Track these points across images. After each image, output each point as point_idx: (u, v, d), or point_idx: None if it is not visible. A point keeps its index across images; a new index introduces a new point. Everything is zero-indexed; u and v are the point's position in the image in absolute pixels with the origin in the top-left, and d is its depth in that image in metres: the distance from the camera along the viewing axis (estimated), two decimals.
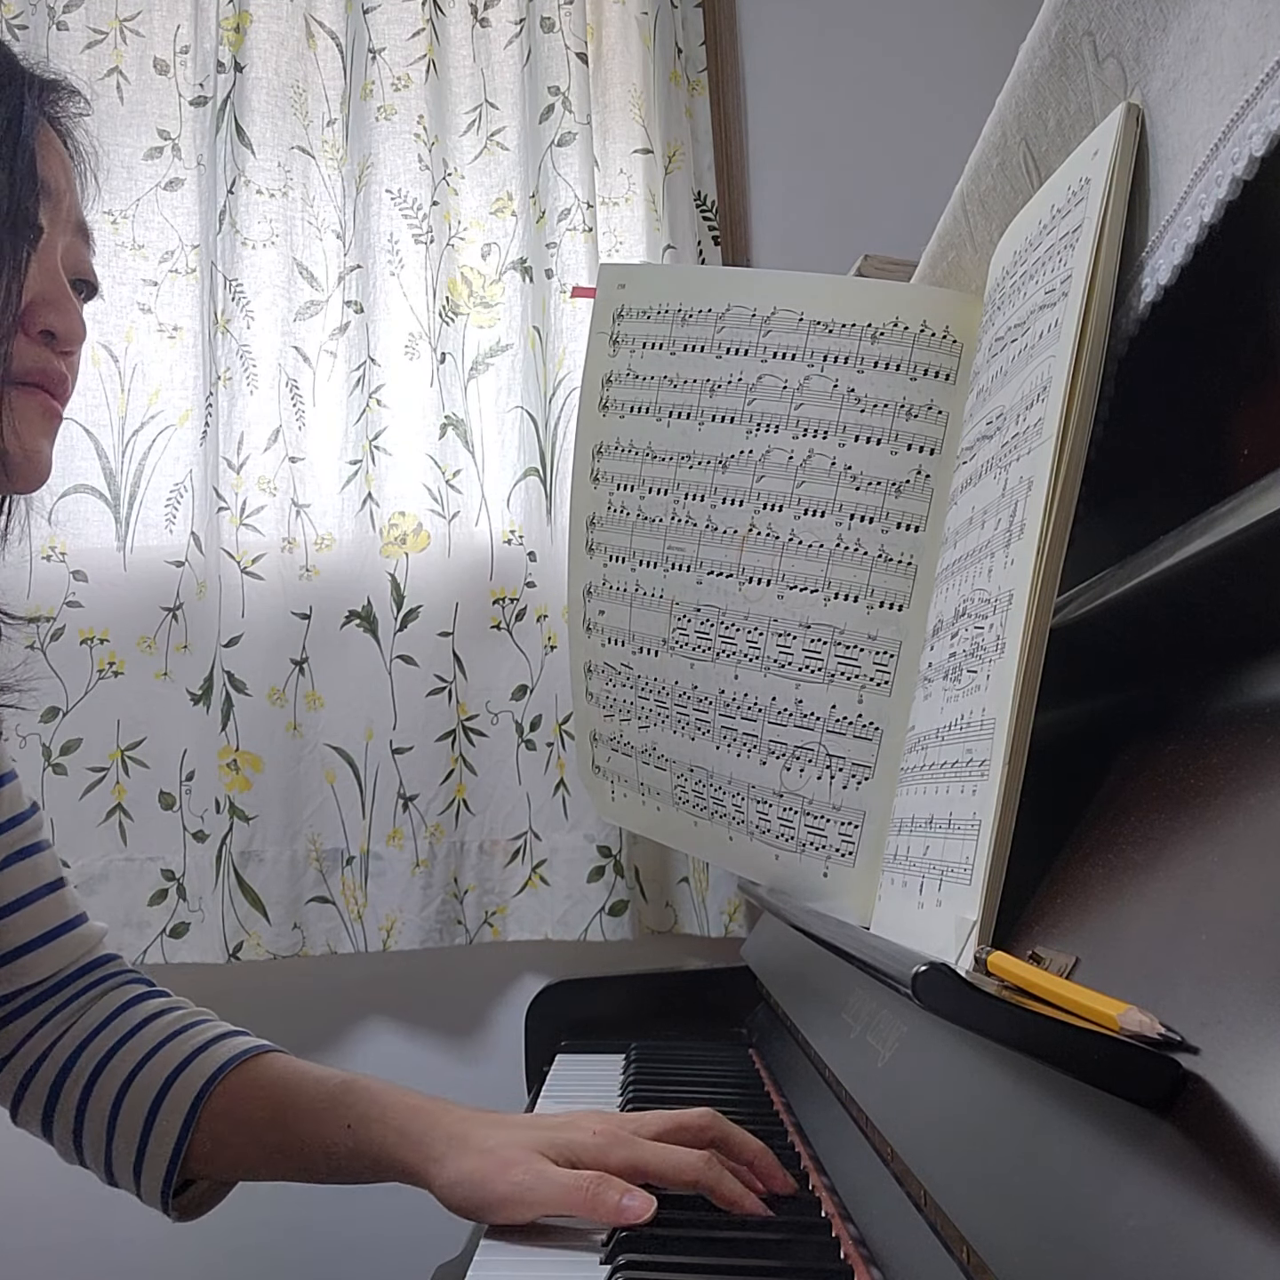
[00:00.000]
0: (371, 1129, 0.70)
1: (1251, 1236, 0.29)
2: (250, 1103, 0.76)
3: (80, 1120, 0.79)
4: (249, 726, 1.50)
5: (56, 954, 0.82)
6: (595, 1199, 0.62)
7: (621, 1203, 0.62)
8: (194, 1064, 0.77)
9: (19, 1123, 0.82)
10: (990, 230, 0.74)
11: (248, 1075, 0.77)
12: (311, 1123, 0.73)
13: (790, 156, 1.72)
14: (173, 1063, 0.78)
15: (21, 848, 0.82)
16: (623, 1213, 0.61)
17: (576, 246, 1.59)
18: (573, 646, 0.90)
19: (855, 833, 0.73)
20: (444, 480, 1.56)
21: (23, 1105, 0.81)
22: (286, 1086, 0.76)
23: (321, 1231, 1.50)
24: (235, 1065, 0.77)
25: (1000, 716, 0.53)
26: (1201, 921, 0.39)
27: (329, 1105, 0.73)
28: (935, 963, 0.39)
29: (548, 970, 1.53)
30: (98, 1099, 0.78)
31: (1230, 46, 0.47)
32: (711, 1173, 0.64)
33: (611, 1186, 0.62)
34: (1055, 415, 0.54)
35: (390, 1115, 0.70)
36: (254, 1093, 0.76)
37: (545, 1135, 0.66)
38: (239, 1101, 0.76)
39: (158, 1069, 0.78)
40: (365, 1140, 0.70)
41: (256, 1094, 0.76)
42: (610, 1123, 0.68)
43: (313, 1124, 0.73)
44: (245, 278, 1.55)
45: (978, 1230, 0.43)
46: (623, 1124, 0.68)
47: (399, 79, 1.61)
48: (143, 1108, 0.77)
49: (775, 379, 0.79)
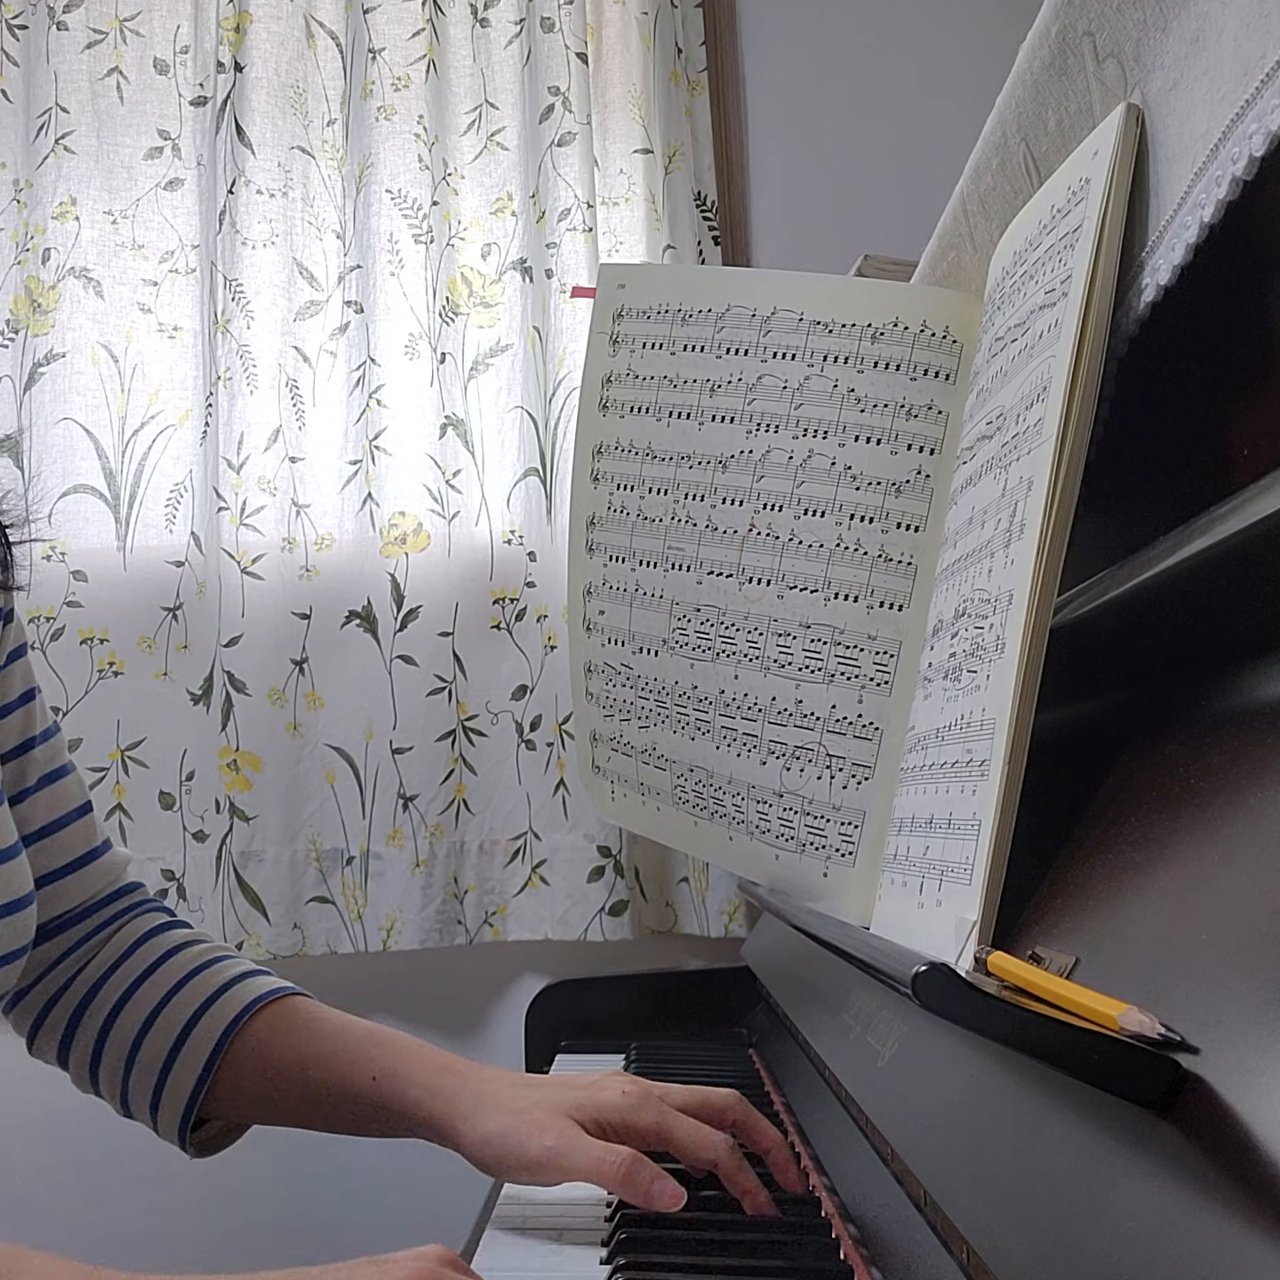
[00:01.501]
0: (397, 1083, 0.70)
1: (1251, 1236, 0.29)
2: (274, 1046, 0.75)
3: (99, 1052, 0.77)
4: (249, 726, 1.50)
5: (83, 882, 0.81)
6: (628, 1177, 0.61)
7: (653, 1186, 0.61)
8: (219, 1003, 0.76)
9: (34, 1052, 0.81)
10: (990, 230, 0.74)
11: (272, 1018, 0.76)
12: (336, 1072, 0.72)
13: (790, 156, 1.72)
14: (197, 1001, 0.76)
15: (52, 770, 0.80)
16: (652, 1197, 0.61)
17: (576, 246, 1.59)
18: (573, 646, 0.90)
19: (855, 833, 0.73)
20: (444, 480, 1.56)
21: (40, 1032, 0.79)
22: (312, 1032, 0.75)
23: (321, 1231, 1.50)
24: (260, 1007, 0.76)
25: (1000, 716, 0.53)
26: (1201, 921, 0.39)
27: (355, 1055, 0.72)
28: (935, 963, 0.39)
29: (548, 970, 1.53)
30: (119, 1032, 0.77)
31: (1230, 46, 0.47)
32: (734, 1158, 0.64)
33: (645, 1167, 0.61)
34: (1055, 415, 0.54)
35: (417, 1070, 0.70)
36: (278, 1037, 0.75)
37: (575, 1096, 0.66)
38: (263, 1045, 0.75)
39: (182, 1006, 0.76)
40: (390, 1094, 0.70)
41: (281, 1038, 0.75)
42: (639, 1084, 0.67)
43: (337, 1073, 0.72)
44: (245, 278, 1.55)
45: (978, 1230, 0.43)
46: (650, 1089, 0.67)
47: (399, 79, 1.61)
48: (165, 1045, 0.76)
49: (775, 379, 0.79)
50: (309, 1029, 0.75)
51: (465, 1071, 0.70)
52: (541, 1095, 0.67)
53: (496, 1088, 0.68)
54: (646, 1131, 0.64)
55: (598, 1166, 0.62)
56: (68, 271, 1.57)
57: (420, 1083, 0.69)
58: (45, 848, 0.78)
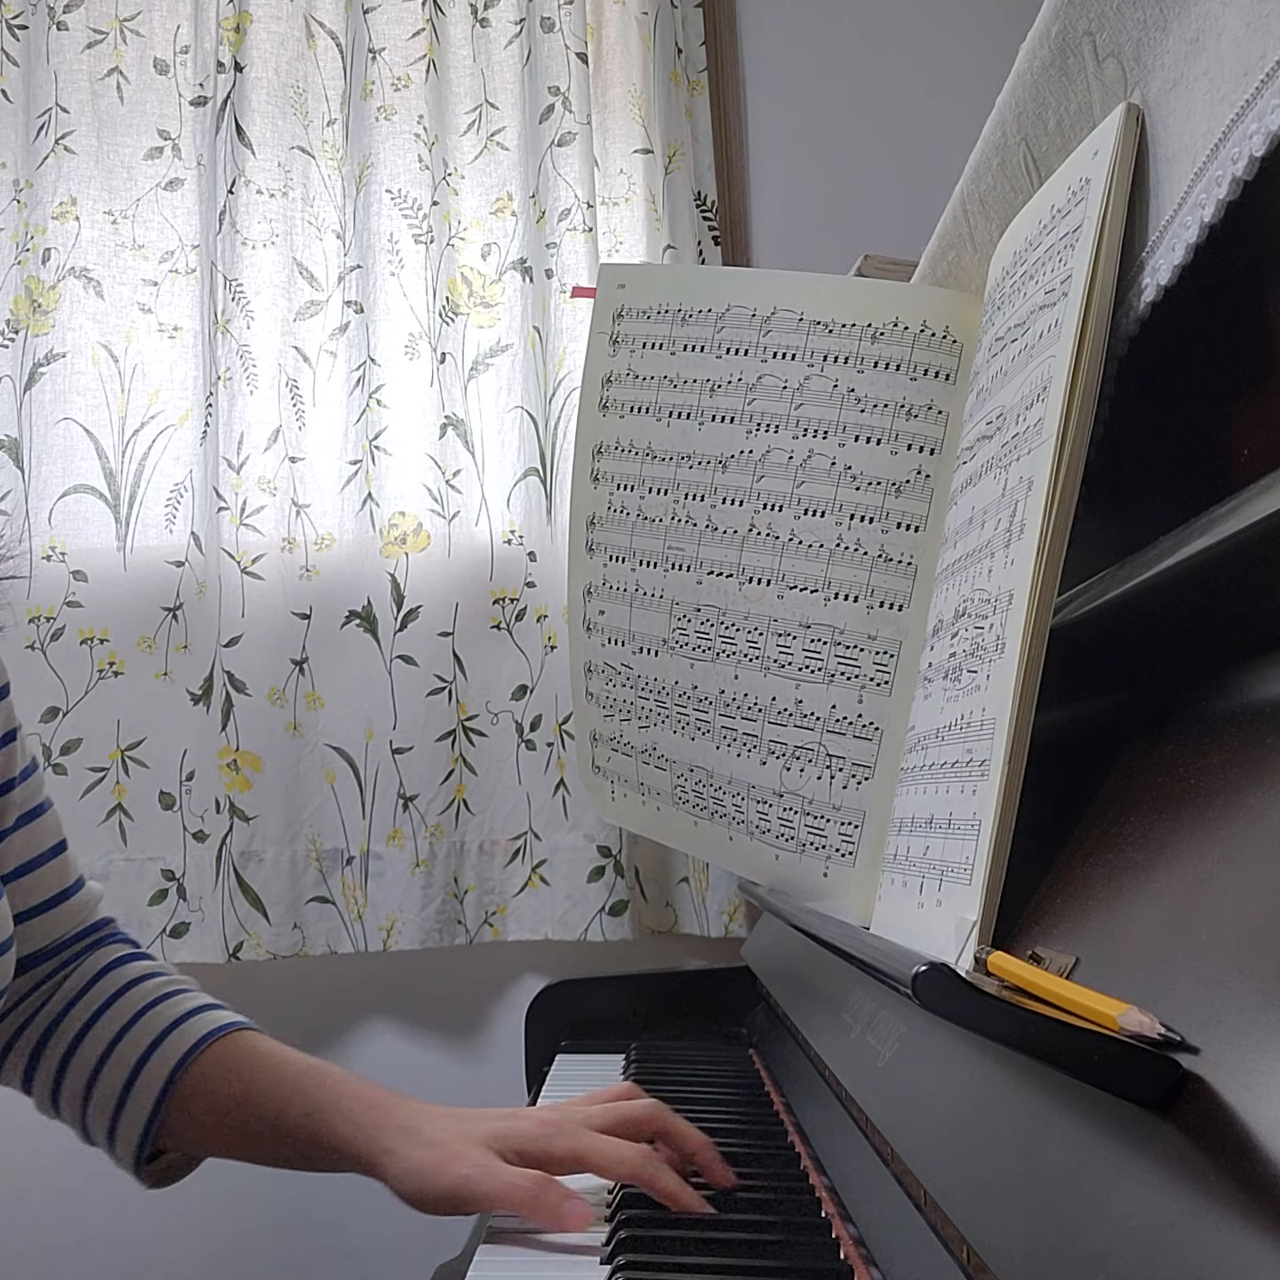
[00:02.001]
0: (328, 1119, 0.72)
1: (1251, 1236, 0.29)
2: (218, 1082, 0.77)
3: (59, 1082, 0.79)
4: (249, 726, 1.50)
5: (57, 920, 0.83)
6: (536, 1200, 0.64)
7: (563, 1207, 0.63)
8: (170, 1038, 0.78)
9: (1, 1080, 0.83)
10: (990, 230, 0.74)
11: (219, 1054, 0.78)
12: (272, 1108, 0.74)
13: (790, 156, 1.72)
14: (150, 1036, 0.78)
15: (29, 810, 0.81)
16: (560, 1218, 0.63)
17: (576, 246, 1.59)
18: (573, 646, 0.90)
19: (855, 833, 0.73)
20: (444, 480, 1.56)
21: (7, 1061, 0.81)
22: (253, 1069, 0.76)
23: (321, 1231, 1.50)
24: (209, 1043, 0.78)
25: (1000, 716, 0.53)
26: (1201, 921, 0.39)
27: (289, 1092, 0.74)
28: (935, 963, 0.39)
29: (548, 970, 1.53)
30: (78, 1064, 0.79)
31: (1230, 46, 0.47)
32: (648, 1168, 0.66)
33: (553, 1189, 0.64)
34: (1055, 415, 0.54)
35: (346, 1107, 0.72)
36: (223, 1073, 0.77)
37: (494, 1127, 0.68)
38: (208, 1080, 0.77)
39: (136, 1041, 0.78)
40: (322, 1130, 0.72)
41: (225, 1074, 0.77)
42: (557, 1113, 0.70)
43: (273, 1109, 0.74)
44: (245, 278, 1.55)
45: (978, 1230, 0.43)
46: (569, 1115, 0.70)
47: (399, 79, 1.61)
48: (120, 1079, 0.77)
49: (775, 379, 0.79)
50: (249, 1065, 0.77)
51: (392, 1106, 0.72)
52: (463, 1128, 0.69)
53: (421, 1122, 0.70)
54: (563, 1157, 0.67)
55: (509, 1191, 0.64)
56: (68, 271, 1.57)
57: (349, 1119, 0.71)
58: (21, 887, 0.80)
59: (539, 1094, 0.99)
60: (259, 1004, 1.56)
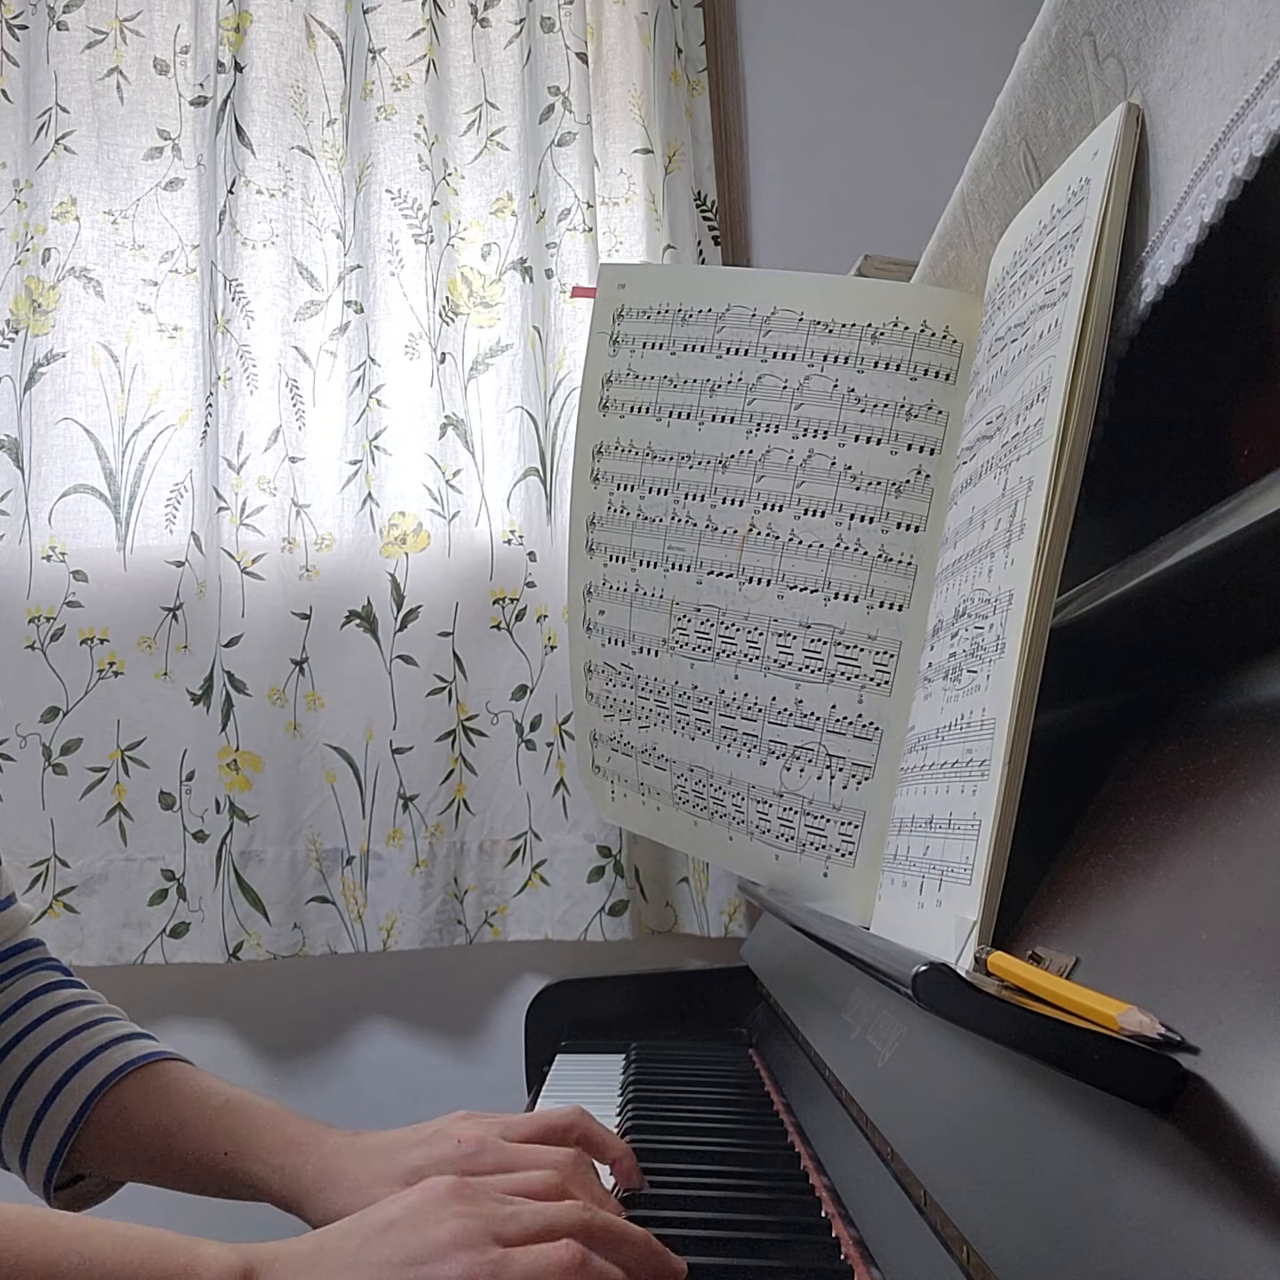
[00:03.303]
0: (245, 1159, 0.71)
1: (1251, 1236, 0.29)
2: (137, 1112, 0.76)
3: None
4: (249, 726, 1.50)
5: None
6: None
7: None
8: (90, 1064, 0.77)
9: None
10: (990, 230, 0.74)
11: (139, 1084, 0.77)
12: (192, 1142, 0.74)
13: (790, 156, 1.72)
14: (70, 1061, 0.78)
15: None
16: None
17: (576, 246, 1.59)
18: (573, 646, 0.90)
19: (855, 833, 0.73)
20: (444, 480, 1.56)
21: None
22: (172, 1102, 0.76)
23: None
24: (129, 1072, 0.77)
25: (1000, 716, 0.53)
26: (1201, 921, 0.39)
27: (210, 1127, 0.73)
28: (935, 963, 0.39)
29: (548, 970, 1.53)
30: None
31: (1230, 46, 0.47)
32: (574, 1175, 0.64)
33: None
34: (1055, 415, 0.54)
35: (263, 1146, 0.71)
36: (141, 1103, 0.76)
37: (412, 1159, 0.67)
38: (127, 1109, 0.76)
39: (55, 1065, 0.78)
40: (239, 1170, 0.71)
41: (144, 1105, 0.76)
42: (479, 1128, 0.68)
43: (193, 1144, 0.73)
44: (245, 278, 1.55)
45: (978, 1230, 0.43)
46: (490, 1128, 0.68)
47: (399, 79, 1.61)
48: (35, 1103, 0.77)
49: (775, 379, 0.79)
50: (171, 1097, 0.76)
51: (310, 1144, 0.71)
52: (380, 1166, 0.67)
53: (339, 1163, 0.69)
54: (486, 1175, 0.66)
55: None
56: (68, 271, 1.57)
57: (266, 1160, 0.71)
58: None
59: (539, 1094, 0.99)
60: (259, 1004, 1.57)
